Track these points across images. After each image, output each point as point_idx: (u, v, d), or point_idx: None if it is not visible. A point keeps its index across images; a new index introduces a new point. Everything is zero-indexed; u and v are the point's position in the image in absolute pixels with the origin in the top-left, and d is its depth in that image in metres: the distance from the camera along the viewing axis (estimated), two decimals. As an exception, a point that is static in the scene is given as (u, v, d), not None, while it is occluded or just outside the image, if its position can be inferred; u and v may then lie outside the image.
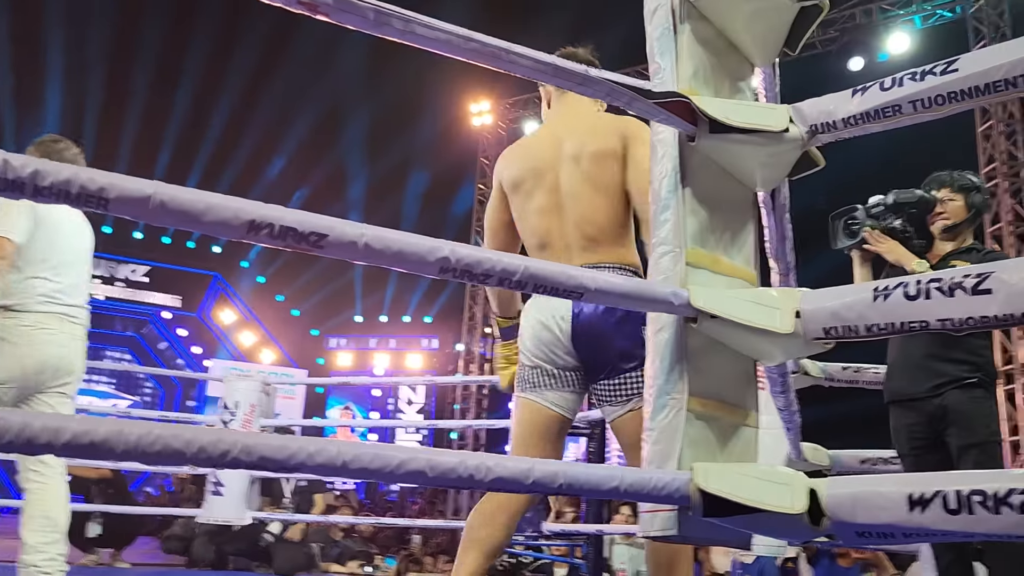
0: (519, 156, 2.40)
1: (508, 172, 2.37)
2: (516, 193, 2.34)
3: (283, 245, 1.15)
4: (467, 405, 12.96)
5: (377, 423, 21.25)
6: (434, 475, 1.14)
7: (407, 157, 18.10)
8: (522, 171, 2.33)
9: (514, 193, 2.35)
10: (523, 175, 2.32)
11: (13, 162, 1.00)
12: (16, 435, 0.93)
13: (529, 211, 2.32)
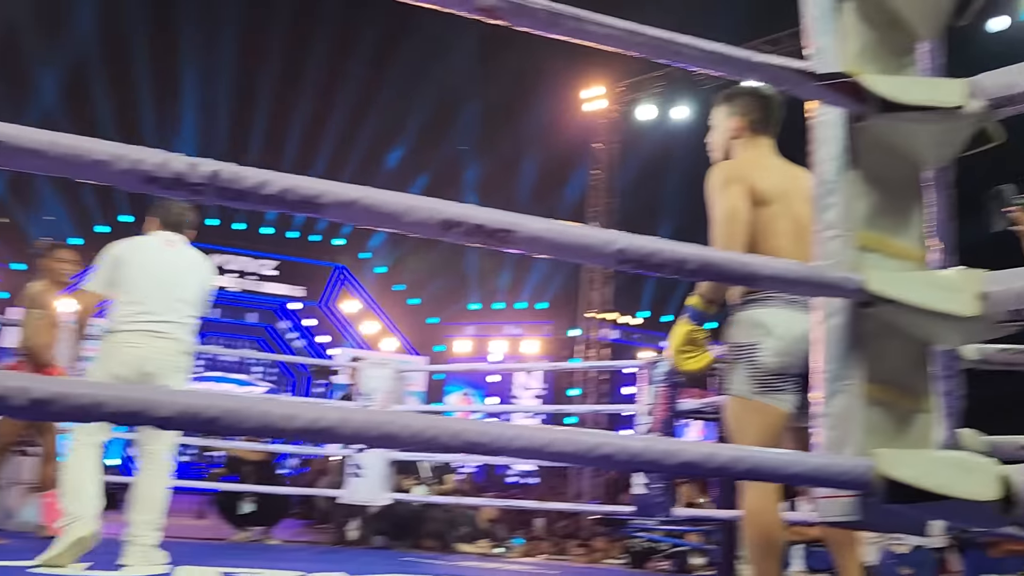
0: (770, 173, 2.41)
1: (764, 184, 2.37)
2: (766, 207, 2.36)
3: (474, 241, 1.22)
4: (587, 389, 12.98)
5: (495, 408, 21.60)
6: (623, 459, 1.18)
7: (519, 145, 18.21)
8: (776, 189, 2.36)
9: (763, 207, 2.36)
10: (776, 194, 2.35)
11: (242, 174, 1.10)
12: (258, 420, 1.03)
13: (775, 231, 2.36)
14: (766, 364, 2.25)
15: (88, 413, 0.97)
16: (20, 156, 1.00)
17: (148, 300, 3.55)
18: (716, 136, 2.65)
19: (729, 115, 2.59)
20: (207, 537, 6.01)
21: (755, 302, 2.32)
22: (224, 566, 3.52)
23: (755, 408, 2.25)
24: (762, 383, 2.25)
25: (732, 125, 2.57)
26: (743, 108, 2.56)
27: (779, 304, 2.30)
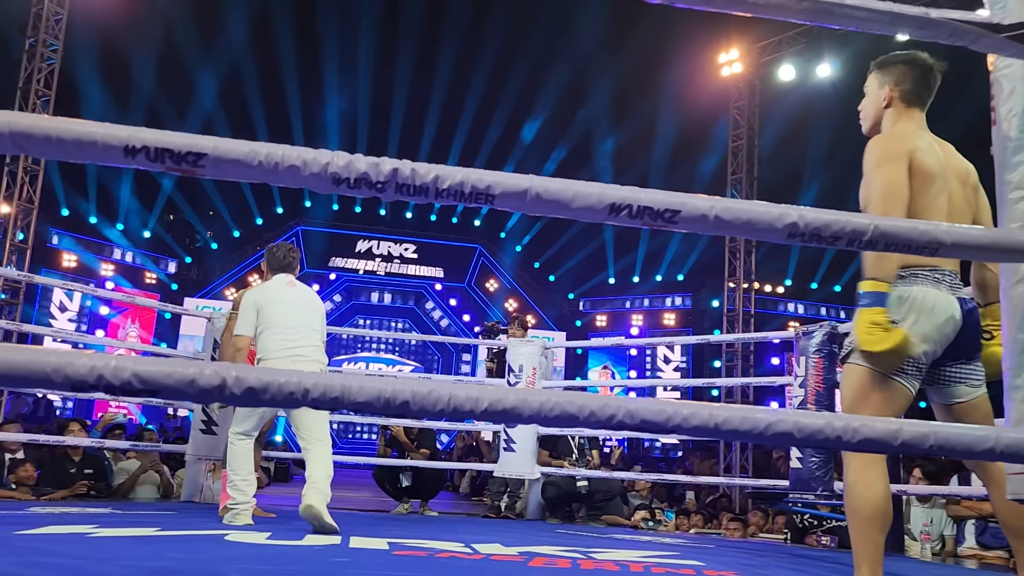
0: (929, 148, 2.30)
1: (925, 159, 2.27)
2: (927, 184, 2.25)
3: (641, 223, 1.23)
4: (732, 362, 12.68)
5: (636, 383, 21.53)
6: (801, 436, 1.17)
7: (654, 114, 17.87)
8: (936, 166, 2.26)
9: (925, 183, 2.25)
10: (936, 171, 2.25)
11: (419, 170, 1.16)
12: (447, 403, 1.09)
13: (934, 208, 2.26)
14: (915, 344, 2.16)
15: (296, 399, 1.06)
16: (228, 167, 1.10)
17: (288, 332, 4.21)
18: (867, 104, 2.53)
19: (881, 84, 2.47)
20: (370, 509, 6.35)
21: (904, 279, 2.23)
22: (390, 536, 3.72)
23: (886, 386, 2.17)
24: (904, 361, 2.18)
25: (884, 95, 2.45)
26: (897, 77, 2.44)
27: (928, 282, 2.22)
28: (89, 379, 0.98)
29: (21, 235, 10.47)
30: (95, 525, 3.43)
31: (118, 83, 15.92)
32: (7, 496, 5.26)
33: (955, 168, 2.33)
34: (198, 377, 1.01)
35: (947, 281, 2.23)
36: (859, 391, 2.21)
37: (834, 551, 5.09)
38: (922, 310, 2.19)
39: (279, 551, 2.96)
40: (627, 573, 3.03)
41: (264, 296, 4.33)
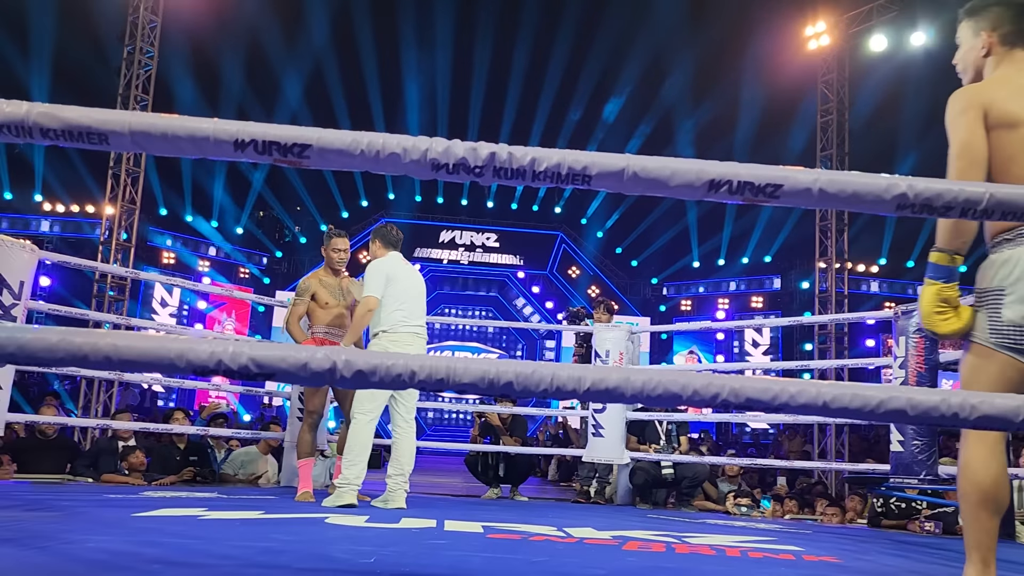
0: (1011, 94, 2.13)
1: (1005, 106, 2.10)
2: (1012, 131, 2.08)
3: (740, 199, 1.21)
4: (825, 344, 12.31)
5: (723, 367, 21.17)
6: (915, 414, 1.14)
7: (738, 91, 17.43)
8: (1019, 110, 2.09)
9: (1009, 130, 2.08)
10: (1020, 116, 2.08)
11: (516, 154, 1.17)
12: (549, 383, 1.10)
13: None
14: (1007, 316, 2.01)
15: (403, 381, 1.09)
16: (332, 156, 1.13)
17: (407, 307, 4.47)
18: (963, 56, 2.37)
19: (976, 31, 2.31)
20: (461, 494, 6.45)
21: (1008, 241, 2.06)
22: (484, 520, 3.77)
23: (995, 361, 2.03)
24: (1004, 335, 2.02)
25: (981, 42, 2.29)
26: (992, 21, 2.28)
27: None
28: (209, 364, 1.03)
29: (125, 235, 11.00)
30: (204, 508, 3.60)
31: (209, 84, 16.54)
32: (121, 481, 5.57)
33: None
34: (310, 361, 1.05)
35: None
36: (970, 369, 2.08)
37: (939, 537, 4.91)
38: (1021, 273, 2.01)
39: (378, 533, 3.04)
40: (723, 557, 2.99)
41: (394, 268, 4.49)
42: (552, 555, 2.74)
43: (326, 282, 5.06)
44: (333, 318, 5.00)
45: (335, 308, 5.00)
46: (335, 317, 5.00)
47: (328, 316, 5.00)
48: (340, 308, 5.02)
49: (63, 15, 14.37)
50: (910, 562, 3.27)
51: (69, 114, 1.11)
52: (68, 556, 2.08)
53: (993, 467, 2.00)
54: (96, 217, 16.66)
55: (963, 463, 2.04)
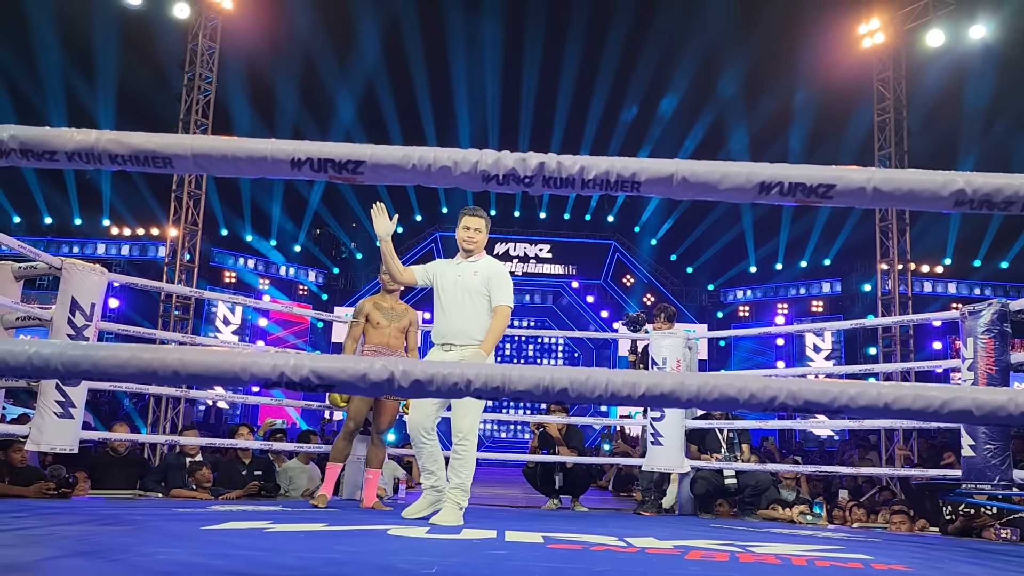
0: None
1: None
2: None
3: (792, 200, 1.20)
4: (890, 347, 11.99)
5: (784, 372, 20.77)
6: (980, 414, 1.11)
7: (792, 91, 17.16)
8: None
9: None
10: None
11: (565, 163, 1.18)
12: (604, 389, 1.11)
13: None
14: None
15: (460, 390, 1.11)
16: (385, 172, 1.16)
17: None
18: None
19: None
20: (522, 505, 6.45)
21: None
22: (544, 530, 3.77)
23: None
24: None
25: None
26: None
27: None
28: (272, 376, 1.06)
29: (188, 255, 11.33)
30: (270, 521, 3.67)
31: (265, 107, 16.97)
32: (189, 496, 5.71)
33: None
34: (369, 371, 1.07)
35: None
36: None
37: (1016, 544, 4.73)
38: None
39: (439, 544, 3.06)
40: (789, 567, 2.94)
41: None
42: (613, 564, 2.72)
43: (380, 304, 5.34)
44: (384, 337, 5.24)
45: (386, 328, 5.25)
46: (386, 336, 5.24)
47: (379, 335, 5.23)
48: (391, 328, 5.27)
49: (126, 45, 14.93)
50: (986, 571, 3.16)
51: (135, 140, 1.16)
52: (140, 568, 2.15)
53: None
54: (161, 239, 17.21)
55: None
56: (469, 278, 4.27)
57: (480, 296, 4.23)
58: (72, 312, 4.75)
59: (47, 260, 4.81)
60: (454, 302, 4.25)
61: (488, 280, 4.26)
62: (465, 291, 4.24)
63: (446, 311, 4.26)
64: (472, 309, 4.22)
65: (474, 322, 4.20)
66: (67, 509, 4.07)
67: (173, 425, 10.69)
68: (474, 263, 4.35)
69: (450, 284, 4.30)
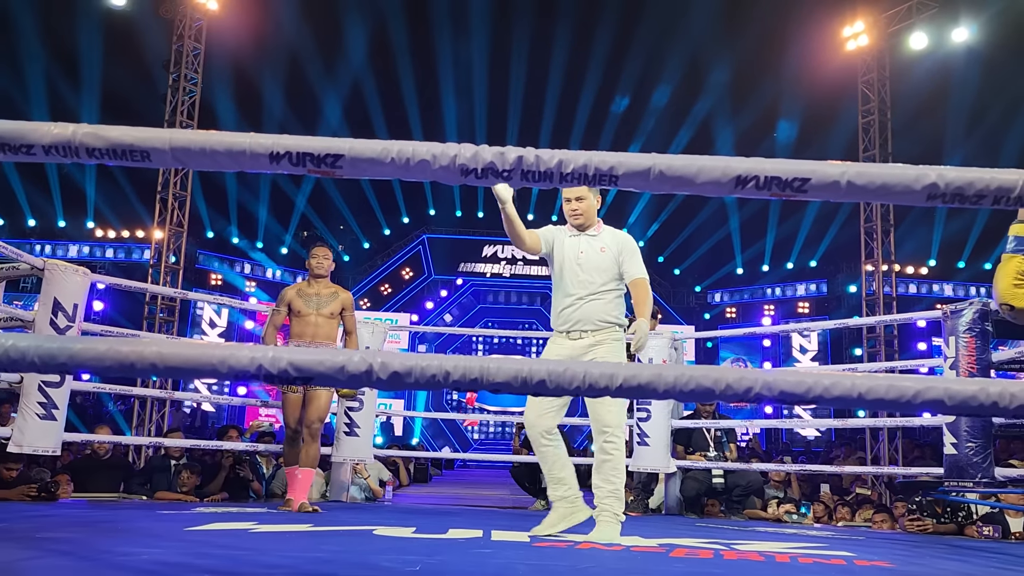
0: None
1: None
2: None
3: (768, 194, 1.21)
4: (875, 348, 12.07)
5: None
6: (952, 404, 1.12)
7: (778, 95, 17.25)
8: None
9: None
10: None
11: (543, 156, 1.19)
12: (582, 380, 1.11)
13: None
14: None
15: (438, 381, 1.11)
16: (363, 166, 1.17)
17: None
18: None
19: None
20: (509, 506, 6.45)
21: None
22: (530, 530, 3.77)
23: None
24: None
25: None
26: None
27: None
28: (250, 368, 1.06)
29: (173, 257, 11.27)
30: (255, 522, 3.66)
31: (251, 108, 16.90)
32: (174, 498, 5.68)
33: None
34: (347, 364, 1.08)
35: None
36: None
37: (997, 541, 4.77)
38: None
39: (424, 543, 3.06)
40: (773, 564, 2.96)
41: None
42: (598, 562, 2.73)
43: (304, 291, 4.97)
44: (307, 327, 4.87)
45: (310, 317, 4.89)
46: (310, 327, 4.87)
47: (301, 326, 4.89)
48: (316, 316, 4.90)
49: (111, 46, 14.85)
50: (967, 566, 3.19)
51: (112, 133, 1.16)
52: (122, 568, 2.14)
53: None
54: (146, 242, 17.09)
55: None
56: (595, 255, 3.75)
57: (609, 274, 3.74)
58: (54, 313, 4.72)
59: (29, 261, 4.78)
60: (579, 282, 3.72)
61: (620, 254, 3.77)
62: (594, 269, 3.73)
63: (572, 293, 3.73)
64: (601, 289, 3.72)
65: (605, 304, 3.71)
66: (49, 511, 4.05)
67: (158, 428, 10.62)
68: (595, 237, 3.80)
69: (573, 261, 3.76)
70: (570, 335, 3.73)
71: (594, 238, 3.80)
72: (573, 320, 3.71)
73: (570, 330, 3.72)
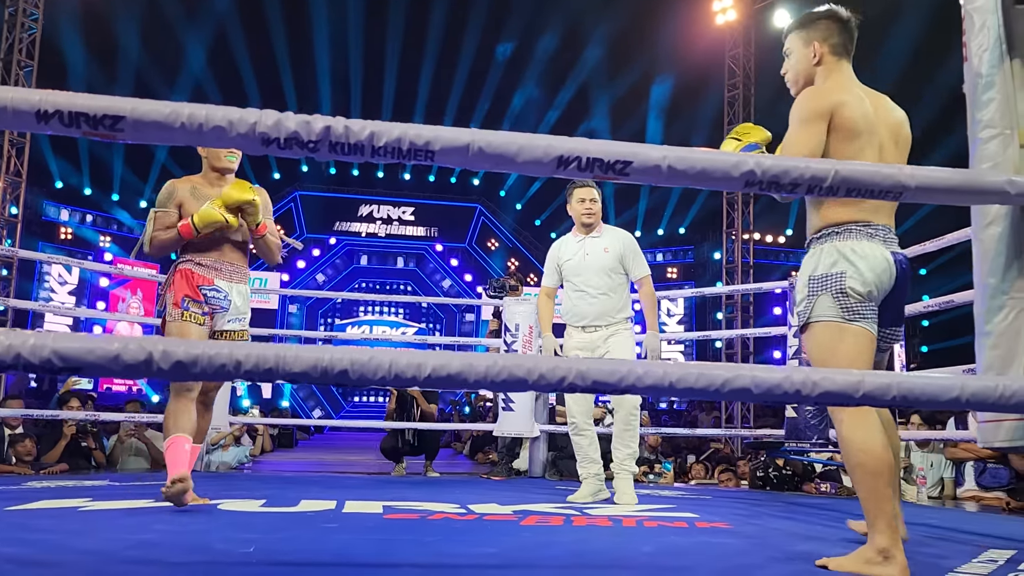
0: (859, 101, 2.26)
1: (852, 113, 2.22)
2: (851, 139, 2.22)
3: (591, 175, 1.18)
4: (733, 313, 12.66)
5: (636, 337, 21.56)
6: (759, 392, 1.13)
7: (650, 68, 17.57)
8: (862, 120, 2.22)
9: (848, 137, 2.22)
10: (861, 125, 2.21)
11: (353, 128, 1.11)
12: (387, 371, 1.05)
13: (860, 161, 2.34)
14: (856, 290, 2.18)
15: (228, 372, 1.02)
16: (148, 130, 1.05)
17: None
18: (794, 65, 2.50)
19: (808, 42, 2.45)
20: (372, 472, 6.38)
21: (837, 234, 2.25)
22: (386, 499, 3.73)
23: (848, 332, 2.18)
24: (852, 309, 2.19)
25: (813, 52, 2.43)
26: (823, 33, 2.43)
27: (861, 236, 2.22)
28: (6, 358, 0.94)
29: (14, 209, 10.41)
30: (88, 498, 3.44)
31: (103, 51, 15.67)
32: (6, 471, 5.30)
33: (887, 121, 2.30)
34: (122, 352, 0.97)
35: (880, 235, 2.23)
36: (825, 346, 2.20)
37: (833, 498, 5.11)
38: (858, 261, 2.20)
39: (269, 519, 2.96)
40: (619, 528, 3.03)
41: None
42: (447, 534, 2.71)
43: (200, 190, 3.46)
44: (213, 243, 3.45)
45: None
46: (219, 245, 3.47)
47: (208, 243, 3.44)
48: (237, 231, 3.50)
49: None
50: (797, 524, 3.38)
51: None
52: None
53: (877, 438, 2.06)
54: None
55: (846, 439, 2.11)
56: (599, 255, 4.16)
57: (615, 273, 4.15)
58: None
59: None
60: (589, 284, 4.14)
61: (623, 254, 4.17)
62: (600, 270, 4.14)
63: (584, 293, 4.14)
64: (609, 287, 4.13)
65: (615, 301, 4.13)
66: None
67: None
68: (599, 238, 4.22)
69: (579, 264, 4.18)
70: (585, 329, 4.16)
71: (598, 239, 4.22)
72: (588, 316, 4.14)
73: (585, 326, 4.16)
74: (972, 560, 2.25)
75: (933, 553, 2.44)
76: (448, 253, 23.57)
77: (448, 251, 23.55)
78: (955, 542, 2.78)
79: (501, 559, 2.23)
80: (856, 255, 2.19)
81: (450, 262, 23.53)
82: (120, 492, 3.84)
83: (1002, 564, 2.19)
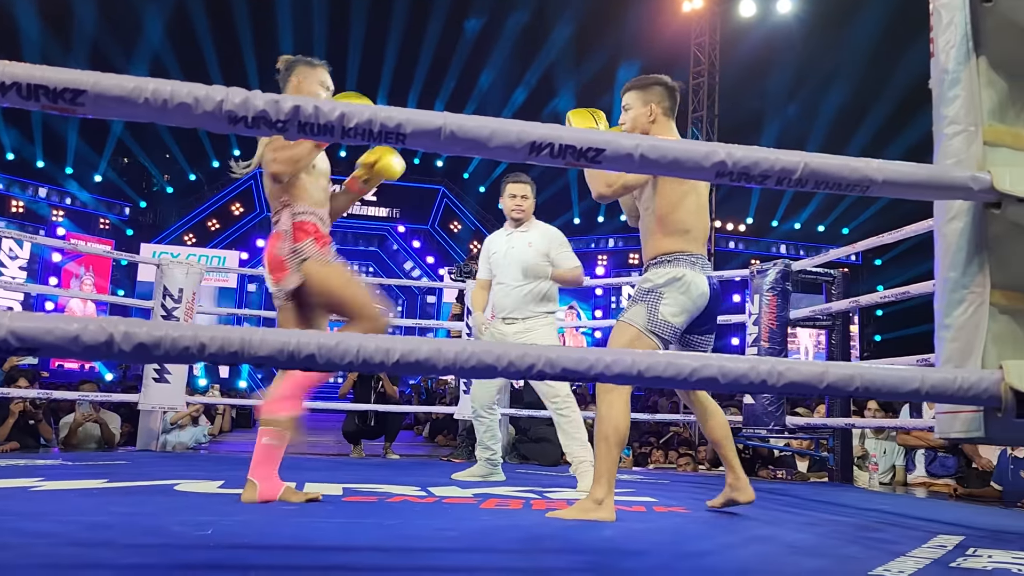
0: None
1: None
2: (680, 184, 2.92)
3: (563, 162, 1.17)
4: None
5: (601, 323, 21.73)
6: (726, 382, 1.14)
7: (617, 52, 17.59)
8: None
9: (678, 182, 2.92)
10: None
11: (323, 108, 1.09)
12: (355, 355, 1.04)
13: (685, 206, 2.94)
14: (665, 316, 2.71)
15: (192, 355, 1.00)
16: (110, 105, 1.02)
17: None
18: (633, 118, 2.96)
19: (645, 102, 2.95)
20: (333, 453, 6.35)
21: (668, 262, 2.79)
22: (346, 481, 3.71)
23: (643, 342, 2.68)
24: (658, 327, 2.72)
25: (650, 111, 2.95)
26: (658, 96, 2.96)
27: (686, 265, 2.77)
28: (-41, 338, 0.91)
29: (-38, 181, 10.09)
30: (41, 478, 3.37)
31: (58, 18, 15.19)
32: (-46, 449, 5.16)
33: None
34: (82, 333, 0.95)
35: (699, 263, 2.79)
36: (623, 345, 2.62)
37: (787, 483, 5.21)
38: (683, 286, 2.73)
39: (227, 501, 2.93)
40: (578, 512, 3.05)
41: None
42: (407, 517, 2.71)
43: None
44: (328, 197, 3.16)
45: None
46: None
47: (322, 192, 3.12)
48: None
49: None
50: (753, 508, 3.43)
51: None
52: None
53: (627, 417, 2.68)
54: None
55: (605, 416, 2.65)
56: (524, 249, 4.21)
57: (538, 267, 4.19)
58: None
59: None
60: (510, 276, 4.21)
61: (548, 249, 4.22)
62: (520, 264, 4.18)
63: (504, 285, 4.22)
64: (528, 281, 4.18)
65: (532, 294, 4.19)
66: None
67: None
68: (526, 233, 4.28)
69: (503, 258, 4.25)
70: (505, 321, 4.23)
71: (525, 234, 4.29)
72: (506, 308, 4.21)
73: (504, 317, 4.23)
74: (923, 545, 2.31)
75: (885, 538, 2.50)
76: (411, 235, 23.43)
77: (411, 232, 23.42)
78: (906, 528, 2.85)
79: (461, 542, 2.24)
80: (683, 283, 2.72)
81: (412, 244, 23.40)
82: (72, 472, 3.77)
83: (951, 549, 2.25)
